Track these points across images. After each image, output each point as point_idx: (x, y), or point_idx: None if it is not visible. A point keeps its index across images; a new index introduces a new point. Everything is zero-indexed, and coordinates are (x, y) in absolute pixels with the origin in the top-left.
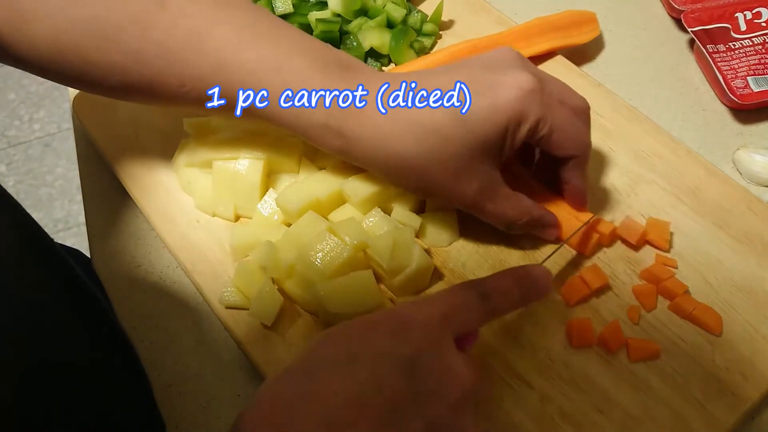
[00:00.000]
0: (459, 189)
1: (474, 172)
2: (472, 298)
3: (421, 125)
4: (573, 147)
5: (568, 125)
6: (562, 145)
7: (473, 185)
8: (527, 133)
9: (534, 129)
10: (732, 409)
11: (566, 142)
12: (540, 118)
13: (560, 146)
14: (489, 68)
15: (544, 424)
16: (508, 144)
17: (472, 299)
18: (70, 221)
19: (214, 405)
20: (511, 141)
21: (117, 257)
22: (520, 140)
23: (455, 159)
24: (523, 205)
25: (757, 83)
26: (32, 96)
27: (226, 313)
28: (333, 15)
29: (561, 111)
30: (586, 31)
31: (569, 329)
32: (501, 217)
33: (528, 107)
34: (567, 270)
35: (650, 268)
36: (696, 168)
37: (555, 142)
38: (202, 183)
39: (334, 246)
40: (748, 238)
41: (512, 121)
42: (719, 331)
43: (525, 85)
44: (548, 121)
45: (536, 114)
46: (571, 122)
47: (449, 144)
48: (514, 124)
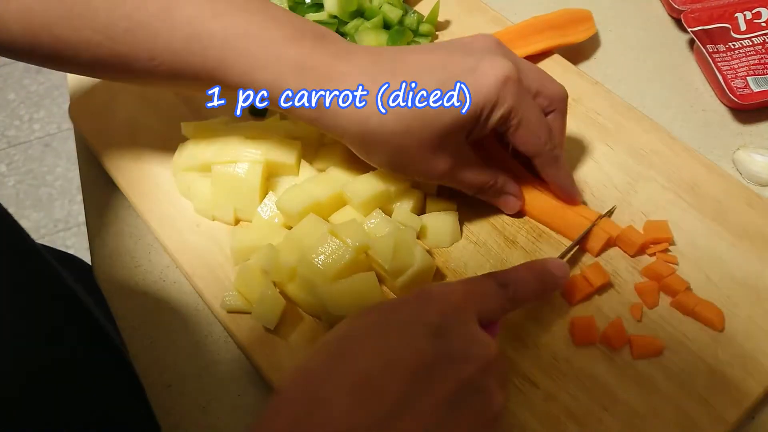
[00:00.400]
0: (431, 165)
1: (447, 149)
2: (491, 285)
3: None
4: (534, 146)
5: (535, 123)
6: (525, 142)
7: (445, 161)
8: (498, 120)
9: (506, 117)
10: (736, 405)
11: (529, 139)
12: (512, 107)
13: (524, 143)
14: (468, 52)
15: (549, 423)
16: (480, 126)
17: (491, 286)
18: (70, 221)
19: (214, 405)
20: (483, 125)
21: (117, 257)
22: (491, 126)
23: (431, 137)
24: (486, 174)
25: (756, 83)
26: (32, 96)
27: (227, 317)
28: (329, 16)
29: (532, 107)
30: (582, 30)
31: (572, 327)
32: (471, 184)
33: (504, 95)
34: None
35: (651, 265)
36: (695, 165)
37: (520, 137)
38: (201, 187)
39: (336, 248)
40: (748, 233)
41: (487, 106)
42: (721, 327)
43: (504, 71)
44: (519, 114)
45: (510, 103)
46: (538, 120)
47: (427, 122)
48: (488, 110)
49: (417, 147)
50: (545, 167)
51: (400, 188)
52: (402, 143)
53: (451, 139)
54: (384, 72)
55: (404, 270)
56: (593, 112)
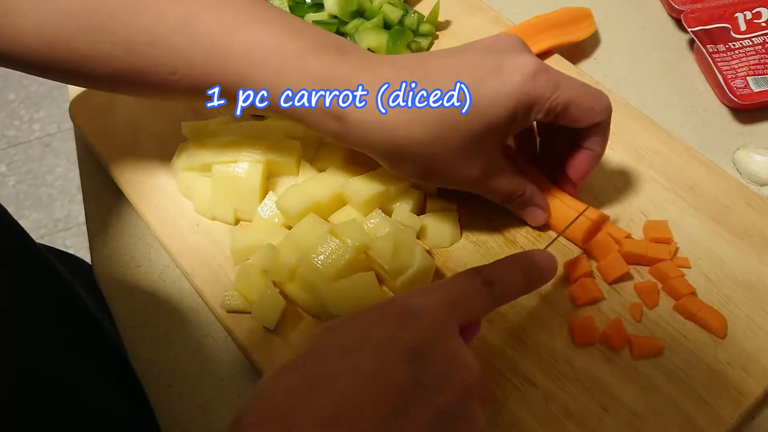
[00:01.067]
0: (463, 171)
1: (479, 154)
2: (476, 285)
3: (428, 110)
4: (593, 115)
5: (583, 95)
6: (583, 117)
7: (477, 167)
8: (543, 116)
9: (551, 109)
10: (735, 405)
11: (586, 112)
12: (552, 97)
13: (581, 118)
14: (492, 52)
15: (548, 423)
16: (516, 126)
17: (476, 287)
18: (70, 221)
19: (214, 405)
20: (521, 123)
21: (117, 257)
22: (531, 122)
23: (462, 143)
24: (517, 181)
25: (756, 83)
26: (32, 96)
27: (227, 317)
28: (329, 17)
29: (570, 84)
30: (583, 28)
31: (572, 327)
32: (500, 192)
33: (537, 89)
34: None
35: (660, 265)
36: (694, 165)
37: (574, 115)
38: (201, 187)
39: (336, 248)
40: (748, 233)
41: (521, 104)
42: (723, 334)
43: (530, 67)
44: (560, 98)
45: (547, 95)
46: (584, 91)
47: (457, 129)
48: (524, 108)
49: (447, 154)
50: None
51: (400, 188)
52: (432, 152)
53: (483, 145)
54: (408, 81)
55: (404, 270)
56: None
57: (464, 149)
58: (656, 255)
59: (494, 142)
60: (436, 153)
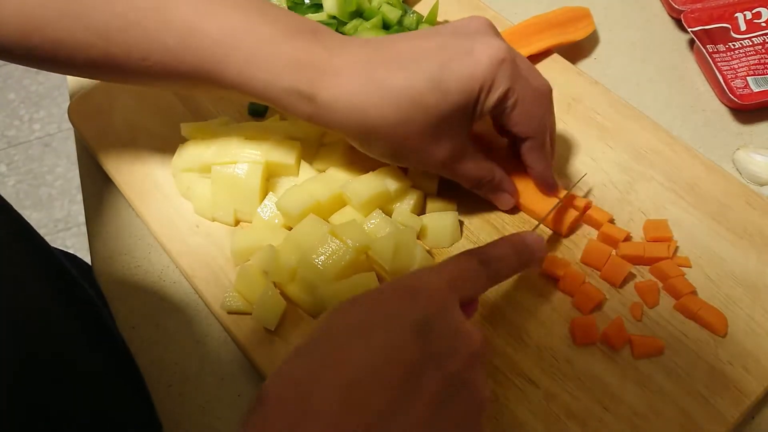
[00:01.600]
0: (432, 153)
1: (447, 136)
2: (473, 264)
3: (398, 93)
4: (530, 126)
5: (530, 103)
6: (520, 122)
7: (446, 148)
8: (496, 102)
9: (502, 98)
10: (736, 404)
11: (525, 120)
12: (509, 87)
13: (519, 123)
14: (463, 35)
15: (550, 423)
16: (479, 109)
17: (473, 266)
18: (70, 221)
19: (214, 405)
20: (481, 107)
21: (117, 257)
22: (488, 107)
23: (431, 124)
24: (486, 166)
25: (756, 83)
26: (32, 96)
27: (228, 317)
28: (328, 17)
29: (527, 88)
30: (582, 27)
31: (573, 327)
32: (468, 177)
33: (500, 75)
34: (575, 280)
35: (660, 264)
36: (694, 164)
37: (515, 117)
38: (201, 188)
39: (336, 249)
40: (748, 232)
41: (484, 87)
42: (724, 333)
43: (499, 53)
44: (515, 93)
45: (506, 83)
46: (533, 100)
47: (427, 110)
48: (486, 91)
49: (417, 135)
50: (533, 152)
51: (400, 188)
52: (402, 133)
53: (451, 126)
54: (379, 63)
55: (405, 270)
56: (593, 111)
57: (433, 131)
58: (655, 255)
59: (462, 124)
60: (406, 134)
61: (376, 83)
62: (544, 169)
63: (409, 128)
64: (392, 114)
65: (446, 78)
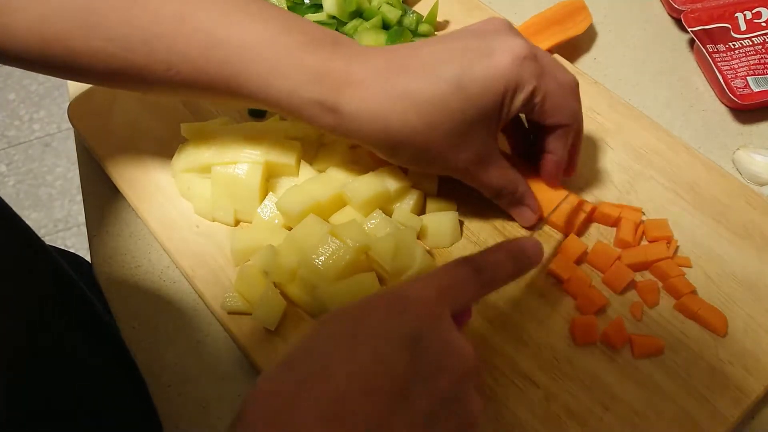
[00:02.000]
0: (456, 158)
1: (472, 140)
2: (467, 272)
3: (421, 99)
4: (564, 115)
5: (560, 93)
6: (554, 113)
7: (469, 154)
8: (523, 101)
9: (530, 96)
10: (737, 403)
11: (558, 110)
12: (535, 85)
13: (552, 114)
14: (482, 36)
15: (550, 423)
16: (505, 111)
17: (467, 273)
18: (70, 221)
19: (214, 405)
20: (508, 108)
21: (117, 257)
22: (516, 108)
23: (456, 129)
24: (512, 176)
25: (757, 83)
26: (32, 96)
27: (228, 317)
28: (328, 17)
29: (553, 79)
30: (580, 21)
31: (573, 327)
32: (491, 186)
33: (523, 74)
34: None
35: (661, 264)
36: (694, 164)
37: (548, 110)
38: (201, 188)
39: (337, 249)
40: (748, 232)
41: (509, 87)
42: (724, 332)
43: (520, 51)
44: (542, 89)
45: (531, 81)
46: (562, 90)
47: (450, 115)
48: (511, 91)
49: (442, 140)
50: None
51: (400, 188)
52: (426, 139)
53: (477, 130)
54: (399, 70)
55: (405, 270)
56: (593, 111)
57: (458, 135)
58: (656, 257)
59: (487, 128)
60: (430, 140)
61: (397, 91)
62: (565, 154)
63: (433, 134)
64: (416, 121)
65: (469, 81)
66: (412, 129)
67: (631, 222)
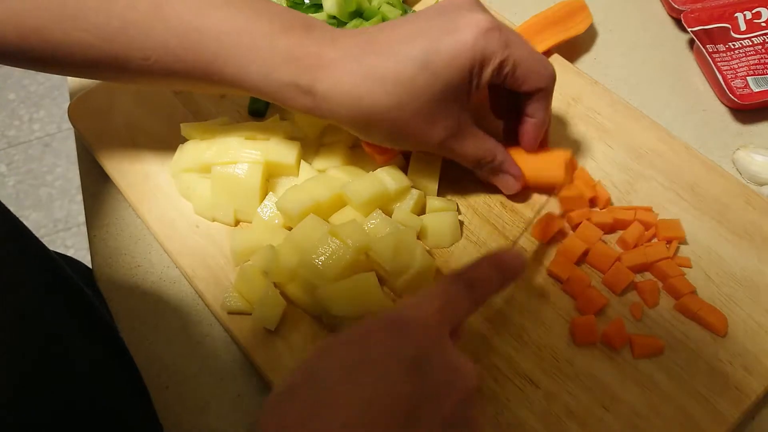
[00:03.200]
0: (429, 133)
1: (443, 115)
2: (459, 289)
3: (389, 79)
4: (538, 79)
5: (531, 58)
6: (527, 79)
7: (442, 128)
8: (492, 73)
9: (499, 67)
10: (737, 404)
11: (531, 75)
12: (503, 56)
13: (526, 80)
14: (446, 13)
15: (550, 423)
16: (474, 84)
17: (459, 291)
18: (70, 221)
19: (213, 405)
20: (477, 81)
21: (117, 257)
22: (485, 80)
23: (425, 106)
24: (488, 145)
25: (756, 83)
26: (32, 96)
27: (228, 317)
28: (328, 17)
29: (521, 46)
30: (580, 20)
31: (573, 327)
32: (468, 157)
33: (489, 46)
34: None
35: (661, 264)
36: (694, 164)
37: (520, 77)
38: (200, 188)
39: (336, 249)
40: (748, 232)
41: (476, 61)
42: (724, 332)
43: (483, 24)
44: (511, 58)
45: (498, 52)
46: (532, 55)
47: (418, 92)
48: (478, 65)
49: (412, 118)
50: (539, 102)
51: (400, 188)
52: (397, 117)
53: (446, 107)
54: (370, 52)
55: (405, 270)
56: (593, 111)
57: (428, 112)
58: (656, 257)
59: (457, 103)
60: (401, 118)
61: (367, 72)
62: (546, 117)
63: (403, 112)
64: (386, 100)
65: (434, 58)
66: (383, 108)
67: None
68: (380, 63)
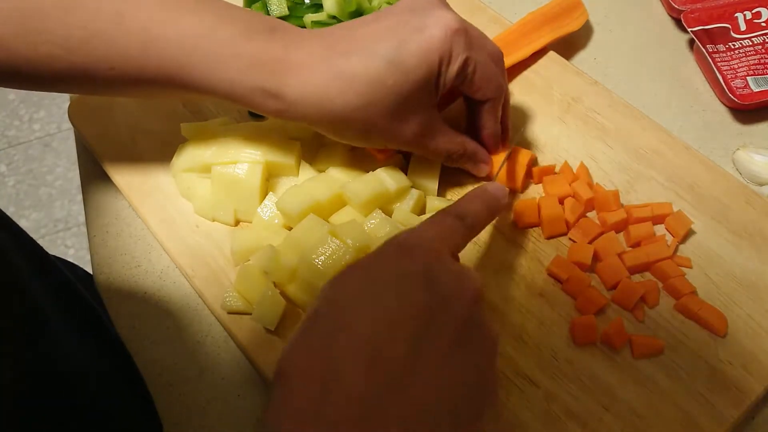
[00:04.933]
0: (400, 131)
1: (413, 114)
2: (452, 220)
3: (358, 78)
4: (491, 89)
5: (489, 64)
6: (481, 87)
7: (413, 126)
8: (457, 71)
9: (462, 67)
10: (736, 404)
11: (485, 84)
12: (467, 56)
13: (480, 88)
14: (414, 12)
15: (550, 423)
16: (441, 82)
17: (453, 221)
18: (70, 221)
19: (214, 405)
20: (444, 79)
21: (117, 257)
22: (450, 78)
23: (394, 105)
24: (458, 139)
25: (756, 83)
26: (32, 96)
27: (228, 317)
28: (328, 17)
29: (482, 49)
30: (576, 17)
31: (573, 327)
32: (440, 152)
33: (455, 46)
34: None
35: (661, 264)
36: (694, 164)
37: (476, 83)
38: (201, 188)
39: (336, 249)
40: (748, 232)
41: (443, 59)
42: (724, 333)
43: (452, 24)
44: (473, 59)
45: (463, 52)
46: (490, 64)
47: (388, 91)
48: (446, 63)
49: (383, 117)
50: (490, 112)
51: (400, 188)
52: (367, 116)
53: (416, 103)
54: (337, 52)
55: None
56: (592, 111)
57: (398, 110)
58: (656, 257)
59: (427, 99)
60: (372, 117)
61: (336, 72)
62: (497, 127)
63: (373, 111)
64: (355, 100)
65: (403, 57)
66: (354, 108)
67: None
68: (350, 63)
